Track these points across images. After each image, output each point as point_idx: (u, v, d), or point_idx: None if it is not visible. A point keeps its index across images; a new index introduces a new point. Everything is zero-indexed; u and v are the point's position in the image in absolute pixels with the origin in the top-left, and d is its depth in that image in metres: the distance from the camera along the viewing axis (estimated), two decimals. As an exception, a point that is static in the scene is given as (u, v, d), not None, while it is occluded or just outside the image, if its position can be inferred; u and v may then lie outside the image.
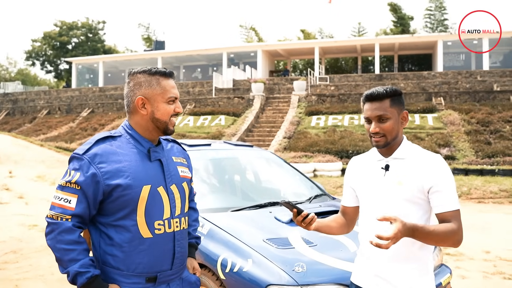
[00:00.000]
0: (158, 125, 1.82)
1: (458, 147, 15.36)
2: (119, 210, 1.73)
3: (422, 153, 1.86)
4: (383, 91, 1.85)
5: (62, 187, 1.72)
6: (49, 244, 1.70)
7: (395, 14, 35.81)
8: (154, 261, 1.76)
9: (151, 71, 1.83)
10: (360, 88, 23.36)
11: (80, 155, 1.73)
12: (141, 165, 1.78)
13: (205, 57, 35.89)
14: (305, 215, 1.92)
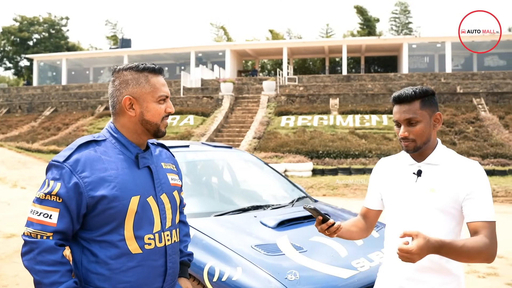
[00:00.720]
0: (148, 128, 1.64)
1: (425, 147, 15.68)
2: (104, 224, 1.54)
3: (458, 159, 1.74)
4: (412, 92, 1.71)
5: (40, 200, 1.51)
6: (27, 265, 1.48)
7: (362, 17, 36.40)
8: (144, 279, 1.58)
9: (139, 67, 1.64)
10: (329, 89, 23.55)
11: (60, 163, 1.52)
12: (129, 174, 1.59)
13: (173, 56, 35.39)
14: (330, 224, 1.77)
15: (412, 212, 1.73)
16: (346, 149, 15.53)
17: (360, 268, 2.61)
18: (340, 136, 17.08)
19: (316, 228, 1.83)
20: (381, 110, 19.38)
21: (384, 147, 15.48)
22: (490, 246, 1.55)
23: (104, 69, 38.63)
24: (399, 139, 1.77)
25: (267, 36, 41.33)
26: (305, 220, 3.22)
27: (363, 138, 16.75)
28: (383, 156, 15.19)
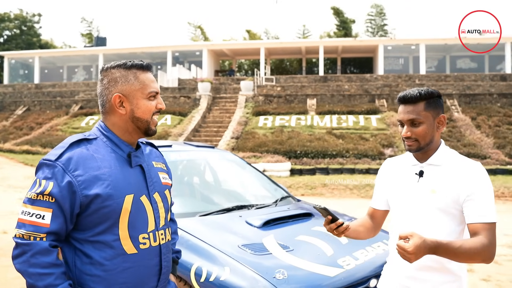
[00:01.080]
0: (139, 125, 1.62)
1: (401, 147, 15.94)
2: (98, 224, 1.51)
3: (460, 160, 1.75)
4: (416, 93, 1.73)
5: (32, 200, 1.46)
6: (19, 268, 1.44)
7: (338, 18, 36.75)
8: (139, 279, 1.56)
9: (127, 64, 1.63)
10: (306, 89, 23.68)
11: (52, 162, 1.49)
12: (122, 172, 1.57)
13: (149, 55, 34.99)
14: (339, 224, 1.77)
15: (414, 212, 1.75)
16: (323, 149, 15.66)
17: (346, 266, 2.64)
18: (318, 136, 17.21)
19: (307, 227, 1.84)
20: (358, 110, 19.63)
21: (361, 147, 15.67)
22: (489, 247, 1.56)
23: (78, 67, 37.93)
24: (402, 138, 1.79)
25: (244, 36, 41.33)
26: (290, 220, 3.24)
27: (340, 138, 16.92)
28: (360, 156, 15.35)
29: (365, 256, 2.82)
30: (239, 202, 3.64)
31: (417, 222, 1.74)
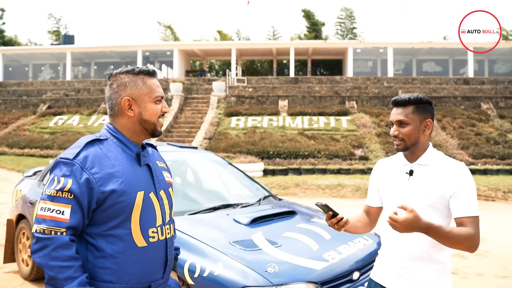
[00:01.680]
0: (146, 127, 1.73)
1: (370, 148, 16.37)
2: (112, 218, 1.61)
3: (446, 160, 1.92)
4: (406, 98, 1.91)
5: (52, 197, 1.54)
6: (40, 262, 1.52)
7: (308, 20, 37.19)
8: (148, 271, 1.67)
9: (135, 70, 1.73)
10: (277, 91, 23.92)
11: (70, 160, 1.58)
12: (133, 170, 1.68)
13: (119, 54, 34.52)
14: (339, 218, 1.91)
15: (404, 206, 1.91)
16: (295, 150, 15.90)
17: (331, 260, 2.80)
18: (290, 137, 17.45)
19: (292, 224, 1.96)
20: (329, 112, 20.00)
21: (332, 148, 15.99)
22: (474, 237, 1.75)
23: (45, 65, 37.01)
24: (393, 138, 1.96)
25: (215, 37, 41.26)
26: (275, 218, 3.38)
27: (311, 139, 17.20)
28: (332, 156, 15.63)
29: (348, 251, 3.00)
30: (224, 201, 3.76)
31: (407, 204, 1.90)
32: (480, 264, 5.48)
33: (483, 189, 11.56)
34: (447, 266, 1.93)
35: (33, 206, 4.46)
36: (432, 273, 1.89)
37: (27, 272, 4.71)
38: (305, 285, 2.52)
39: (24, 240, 4.81)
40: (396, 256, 1.95)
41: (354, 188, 12.04)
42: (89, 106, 22.23)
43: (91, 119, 20.39)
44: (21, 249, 4.87)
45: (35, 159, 15.96)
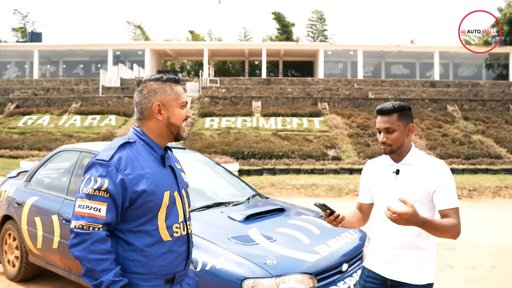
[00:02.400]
0: (172, 130, 1.87)
1: (343, 148, 16.77)
2: (141, 216, 1.75)
3: (427, 159, 2.14)
4: (391, 107, 2.12)
5: (89, 195, 1.67)
6: (79, 255, 1.64)
7: (279, 23, 37.59)
8: (172, 263, 1.81)
9: (163, 78, 1.87)
10: (250, 92, 24.14)
11: (106, 161, 1.71)
12: (160, 171, 1.81)
13: (88, 53, 33.99)
14: (337, 215, 2.10)
15: (393, 202, 2.10)
16: (270, 150, 16.12)
17: (323, 252, 3.01)
18: (264, 137, 17.67)
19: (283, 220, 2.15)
20: (301, 113, 20.34)
21: (306, 148, 16.30)
22: (458, 225, 1.99)
23: (10, 63, 36.01)
24: (380, 143, 2.17)
25: (187, 37, 41.16)
26: (267, 215, 3.57)
27: (285, 140, 17.47)
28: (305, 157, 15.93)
29: (337, 244, 3.21)
30: (216, 199, 3.91)
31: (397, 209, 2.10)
32: (451, 257, 5.82)
33: (450, 188, 12.07)
34: (432, 253, 2.16)
35: (20, 206, 4.48)
36: (419, 259, 2.12)
37: (14, 273, 4.71)
38: (301, 276, 2.72)
39: (10, 241, 4.80)
40: (387, 246, 2.17)
41: (328, 187, 12.35)
42: (59, 106, 21.83)
43: (62, 119, 20.04)
44: (7, 250, 4.86)
45: (5, 160, 15.59)
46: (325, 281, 2.87)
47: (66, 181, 4.29)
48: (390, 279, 2.16)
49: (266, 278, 2.61)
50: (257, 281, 2.60)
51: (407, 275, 2.12)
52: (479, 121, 19.88)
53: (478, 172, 14.53)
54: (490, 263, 5.59)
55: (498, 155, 16.27)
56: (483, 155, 16.10)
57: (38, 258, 4.39)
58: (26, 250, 4.52)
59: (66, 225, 3.85)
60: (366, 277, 2.27)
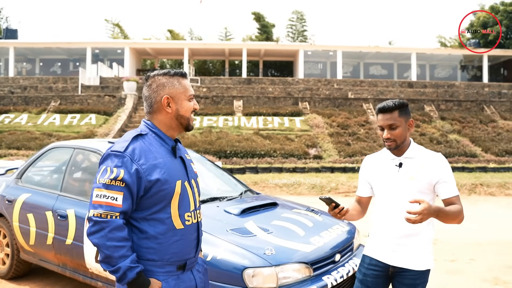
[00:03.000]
0: (181, 122, 1.96)
1: (324, 147, 17.01)
2: (155, 204, 1.83)
3: (427, 152, 2.30)
4: (392, 105, 2.26)
5: (106, 185, 1.75)
6: (97, 242, 1.73)
7: (259, 23, 37.74)
8: (183, 249, 1.90)
9: (170, 73, 1.95)
10: (231, 91, 24.21)
11: (121, 153, 1.79)
12: (171, 162, 1.90)
13: (66, 51, 33.44)
14: (341, 208, 2.23)
15: (397, 194, 2.28)
16: (252, 149, 16.24)
17: (317, 243, 3.15)
18: (246, 136, 17.78)
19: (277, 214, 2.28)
20: (283, 112, 20.52)
21: (287, 147, 16.47)
22: (462, 211, 2.16)
23: (-16, 60, 35.19)
24: (383, 140, 2.30)
25: (167, 36, 40.92)
26: (261, 208, 3.69)
27: (267, 139, 17.61)
28: (287, 155, 16.07)
29: (329, 236, 3.35)
30: (210, 195, 4.01)
31: (400, 201, 2.25)
32: (432, 251, 6.04)
33: (428, 185, 12.42)
34: (431, 241, 2.34)
35: (11, 203, 4.49)
36: (421, 247, 2.28)
37: (4, 271, 4.70)
38: (298, 265, 2.85)
39: (0, 238, 4.80)
40: (390, 235, 2.31)
41: (310, 186, 12.53)
42: (37, 105, 21.46)
43: (40, 117, 19.71)
44: (-3, 248, 4.86)
45: (-18, 159, 15.29)
46: (320, 270, 3.01)
47: (60, 177, 4.32)
48: (392, 266, 2.30)
49: (265, 267, 2.73)
50: (257, 270, 2.72)
51: (410, 262, 2.27)
52: (455, 121, 20.41)
53: (454, 170, 14.93)
54: (469, 256, 5.83)
55: (474, 153, 16.76)
56: (459, 154, 16.56)
57: (30, 255, 4.40)
58: (18, 247, 4.53)
59: (61, 221, 3.90)
60: (367, 265, 2.40)
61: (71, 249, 3.80)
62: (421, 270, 2.28)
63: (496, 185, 12.49)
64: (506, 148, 17.15)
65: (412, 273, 2.27)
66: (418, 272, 2.27)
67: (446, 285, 4.68)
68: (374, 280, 2.35)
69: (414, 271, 2.27)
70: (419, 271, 2.27)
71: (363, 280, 2.39)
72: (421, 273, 2.28)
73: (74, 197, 3.98)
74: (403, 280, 2.29)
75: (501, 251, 6.13)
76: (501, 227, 7.84)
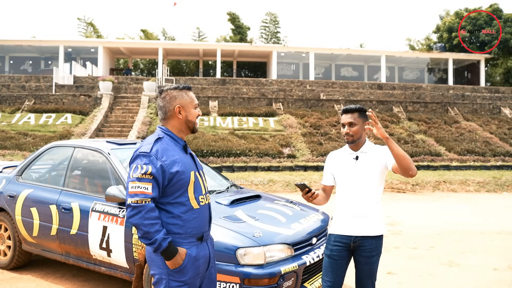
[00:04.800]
0: (189, 126, 2.49)
1: (297, 147, 17.65)
2: (176, 191, 2.35)
3: (377, 147, 2.93)
4: (354, 107, 2.90)
5: (139, 178, 2.26)
6: (136, 223, 2.23)
7: (234, 23, 38.23)
8: (200, 224, 2.43)
9: (180, 87, 2.50)
10: (207, 91, 24.60)
11: (148, 153, 2.31)
12: (184, 157, 2.43)
13: (38, 49, 33.09)
14: (313, 193, 2.79)
15: (354, 181, 2.87)
16: (228, 149, 16.71)
17: (297, 229, 3.71)
18: (221, 136, 18.23)
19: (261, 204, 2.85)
20: (257, 113, 21.07)
21: (262, 147, 17.02)
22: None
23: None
24: (343, 134, 2.92)
25: (140, 36, 40.92)
26: (247, 200, 4.21)
27: (242, 139, 18.12)
28: (262, 155, 16.63)
29: (306, 223, 3.91)
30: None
31: (358, 185, 2.84)
32: (396, 240, 6.70)
33: (395, 183, 13.21)
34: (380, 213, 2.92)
35: (14, 199, 4.85)
36: (375, 218, 2.87)
37: (5, 261, 5.05)
38: (282, 246, 3.40)
39: (2, 231, 5.14)
40: (351, 212, 2.88)
41: (284, 183, 13.12)
42: (11, 104, 21.32)
43: (15, 117, 19.62)
44: (-3, 240, 5.19)
45: (-44, 159, 15.23)
46: (299, 251, 3.56)
47: (62, 174, 4.72)
48: (354, 236, 2.86)
49: (255, 247, 3.26)
50: (248, 250, 3.24)
51: (366, 230, 2.85)
52: (422, 122, 21.42)
53: (420, 168, 15.82)
54: (429, 244, 6.51)
55: (438, 153, 17.73)
56: (425, 153, 17.50)
57: (32, 246, 4.78)
58: (20, 239, 4.89)
59: (65, 213, 4.31)
60: (333, 242, 2.95)
61: (76, 238, 4.22)
62: (377, 235, 2.85)
63: (458, 182, 13.39)
64: (467, 148, 18.20)
65: (369, 243, 2.83)
66: (375, 237, 2.84)
67: (407, 267, 5.31)
68: (339, 254, 2.90)
69: (372, 237, 2.84)
70: (376, 236, 2.84)
71: (330, 255, 2.93)
72: (376, 242, 2.85)
73: (77, 192, 4.40)
74: (362, 253, 2.86)
75: (458, 239, 6.84)
76: (460, 219, 8.61)
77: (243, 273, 3.19)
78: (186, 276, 2.32)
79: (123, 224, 3.83)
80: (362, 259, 2.86)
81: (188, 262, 2.33)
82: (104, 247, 3.97)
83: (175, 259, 2.27)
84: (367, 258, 2.84)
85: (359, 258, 2.87)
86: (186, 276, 2.32)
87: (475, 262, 5.58)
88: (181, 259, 2.30)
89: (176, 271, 2.31)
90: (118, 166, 4.19)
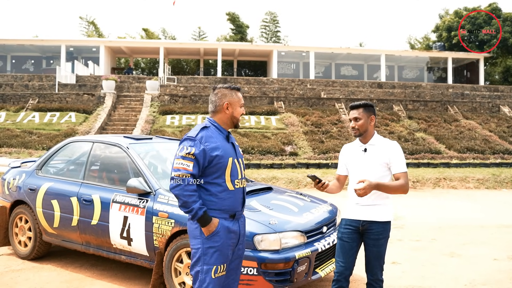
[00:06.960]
0: (233, 121, 2.88)
1: (299, 145, 17.88)
2: (214, 172, 2.71)
3: (386, 141, 3.15)
4: (358, 103, 3.16)
5: (183, 157, 2.64)
6: (177, 193, 2.60)
7: (233, 23, 38.43)
8: (234, 204, 2.78)
9: (231, 87, 2.88)
10: (208, 90, 24.77)
11: (193, 137, 2.69)
12: (226, 145, 2.79)
13: (40, 48, 33.27)
14: (323, 183, 3.05)
15: (363, 171, 3.09)
16: (231, 147, 16.91)
17: (308, 218, 3.94)
18: (224, 134, 18.42)
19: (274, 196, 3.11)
20: (259, 111, 21.29)
21: (264, 145, 17.24)
22: (405, 184, 2.97)
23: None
24: (351, 128, 3.17)
25: (141, 35, 41.12)
26: (260, 192, 4.44)
27: (245, 137, 18.34)
28: (264, 152, 16.86)
29: (317, 212, 4.14)
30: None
31: (366, 175, 3.05)
32: (399, 233, 6.93)
33: (396, 180, 13.43)
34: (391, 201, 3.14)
35: (34, 192, 5.07)
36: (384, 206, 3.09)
37: (26, 252, 5.27)
38: (296, 233, 3.62)
39: (22, 223, 5.35)
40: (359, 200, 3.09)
41: (287, 180, 13.34)
42: (15, 102, 21.54)
43: (19, 115, 19.84)
44: (18, 232, 5.40)
45: (-37, 157, 15.42)
46: (311, 238, 3.79)
47: (81, 167, 4.94)
48: (362, 221, 3.09)
49: (271, 234, 3.49)
50: (265, 236, 3.47)
51: (375, 215, 3.07)
52: (422, 120, 21.67)
53: (420, 166, 16.07)
54: (431, 237, 6.74)
55: (438, 150, 17.98)
56: (425, 151, 17.74)
57: (53, 237, 4.99)
58: (40, 230, 5.11)
59: (86, 204, 4.53)
60: (344, 225, 3.19)
61: (97, 228, 4.44)
62: (384, 221, 3.07)
63: (458, 179, 13.62)
64: (467, 146, 18.45)
65: (376, 227, 3.06)
66: (382, 222, 3.06)
67: (411, 258, 5.54)
68: (349, 236, 3.14)
69: (380, 222, 3.06)
70: (383, 222, 3.07)
71: (342, 237, 3.17)
72: (383, 226, 3.07)
73: (97, 184, 4.62)
74: (370, 236, 3.08)
75: (458, 232, 7.07)
76: (460, 214, 8.85)
77: (260, 257, 3.41)
78: (218, 242, 2.66)
79: (144, 214, 4.05)
80: (370, 241, 3.09)
81: (221, 230, 2.67)
82: (125, 236, 4.19)
83: (209, 225, 2.63)
84: (375, 241, 3.07)
85: (367, 241, 3.10)
86: (219, 242, 2.66)
87: (476, 252, 5.82)
88: (214, 226, 2.65)
89: (210, 238, 2.65)
90: (137, 159, 4.41)
